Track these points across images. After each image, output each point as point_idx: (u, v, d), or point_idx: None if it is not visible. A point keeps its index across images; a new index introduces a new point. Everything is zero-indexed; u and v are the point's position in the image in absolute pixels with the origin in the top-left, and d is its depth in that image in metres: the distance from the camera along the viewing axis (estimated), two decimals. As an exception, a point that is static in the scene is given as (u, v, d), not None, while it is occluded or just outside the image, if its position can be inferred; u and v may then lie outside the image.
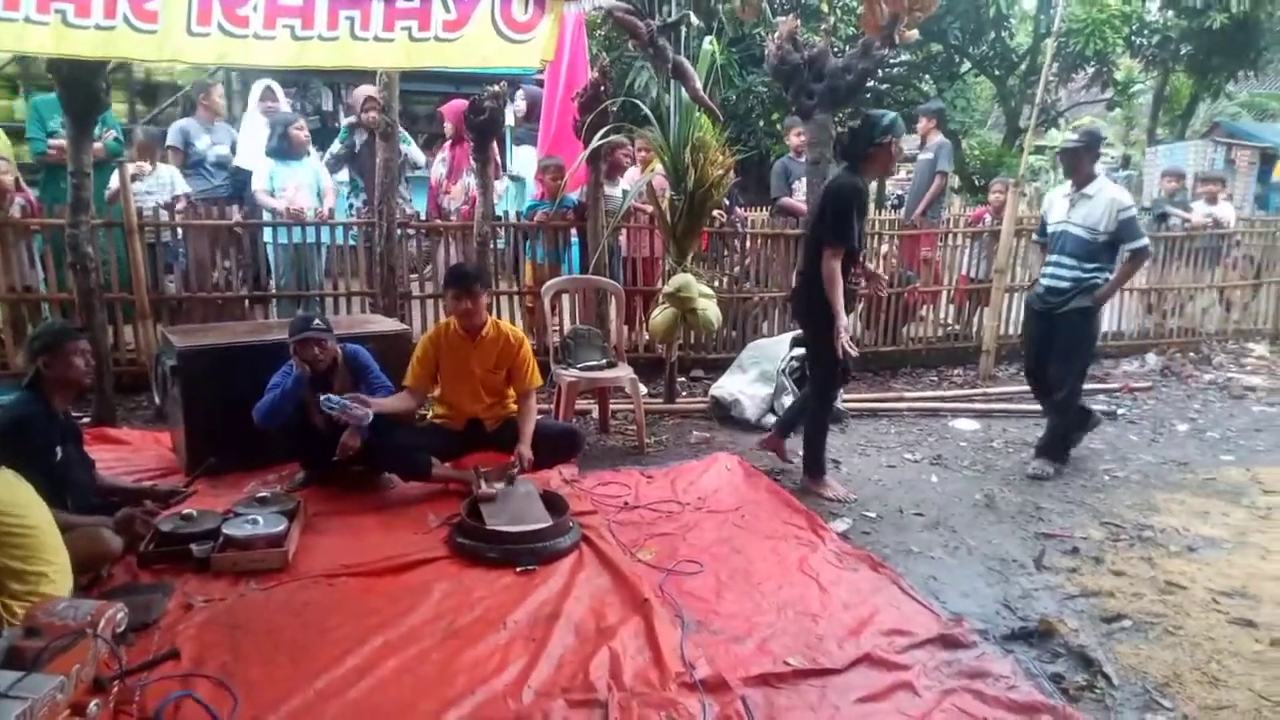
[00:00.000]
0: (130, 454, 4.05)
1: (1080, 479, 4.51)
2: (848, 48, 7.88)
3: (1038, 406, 5.78)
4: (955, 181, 15.60)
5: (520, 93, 7.23)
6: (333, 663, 2.61)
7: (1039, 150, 17.67)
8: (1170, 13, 12.43)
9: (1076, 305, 4.43)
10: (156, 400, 4.92)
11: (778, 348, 5.49)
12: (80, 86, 4.51)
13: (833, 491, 4.19)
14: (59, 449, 3.18)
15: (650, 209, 5.85)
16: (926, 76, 13.74)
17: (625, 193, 5.81)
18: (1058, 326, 4.50)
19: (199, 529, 3.29)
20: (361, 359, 4.00)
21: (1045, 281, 4.58)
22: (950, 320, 7.25)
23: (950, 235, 7.03)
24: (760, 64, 9.96)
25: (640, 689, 2.54)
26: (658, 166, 5.49)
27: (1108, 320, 7.59)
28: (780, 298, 6.42)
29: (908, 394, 6.07)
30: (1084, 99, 17.66)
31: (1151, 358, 7.39)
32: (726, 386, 5.36)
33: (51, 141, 5.48)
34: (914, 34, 5.10)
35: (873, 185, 6.37)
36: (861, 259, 4.21)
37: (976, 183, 13.55)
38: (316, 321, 3.89)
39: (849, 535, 3.71)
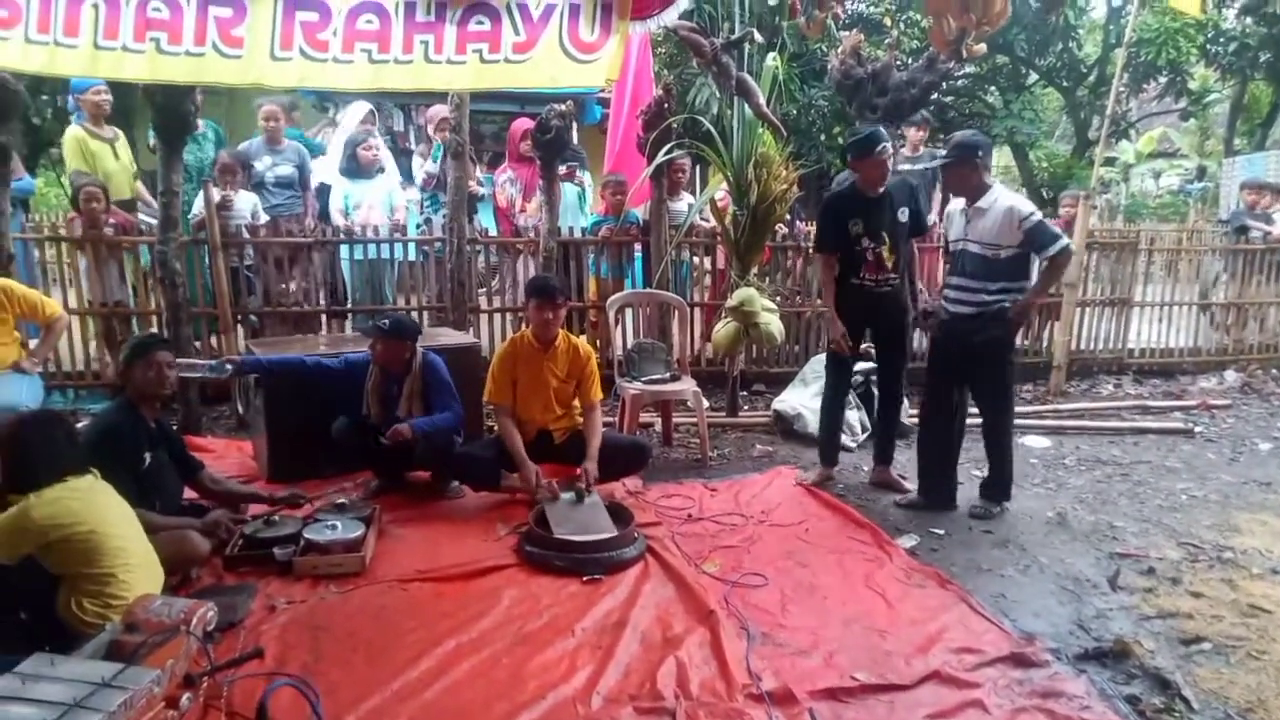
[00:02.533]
0: (214, 461, 4.21)
1: (1157, 498, 4.39)
2: (911, 61, 7.83)
3: (1112, 424, 5.70)
4: (1023, 194, 15.33)
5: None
6: (408, 664, 2.70)
7: (1109, 162, 17.24)
8: (1248, 20, 12.05)
9: (990, 336, 3.94)
10: (239, 410, 5.14)
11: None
12: (171, 111, 4.75)
13: (817, 475, 4.45)
14: (147, 455, 3.35)
15: (712, 224, 5.90)
16: (992, 88, 13.54)
17: (690, 207, 5.86)
18: (977, 358, 4.03)
19: (281, 533, 3.43)
20: (437, 373, 4.08)
21: (950, 307, 4.08)
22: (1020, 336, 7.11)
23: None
24: (821, 78, 9.97)
25: (707, 699, 2.56)
26: (722, 184, 5.52)
27: (1184, 335, 7.39)
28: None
29: (974, 410, 5.95)
30: (1156, 109, 17.21)
31: (1230, 374, 7.15)
32: (789, 400, 5.36)
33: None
34: (982, 48, 5.07)
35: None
36: (870, 259, 4.19)
37: (1045, 195, 13.28)
38: (383, 322, 4.03)
39: (916, 551, 3.67)
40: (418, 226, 6.10)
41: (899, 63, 5.82)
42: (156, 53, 4.22)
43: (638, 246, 6.07)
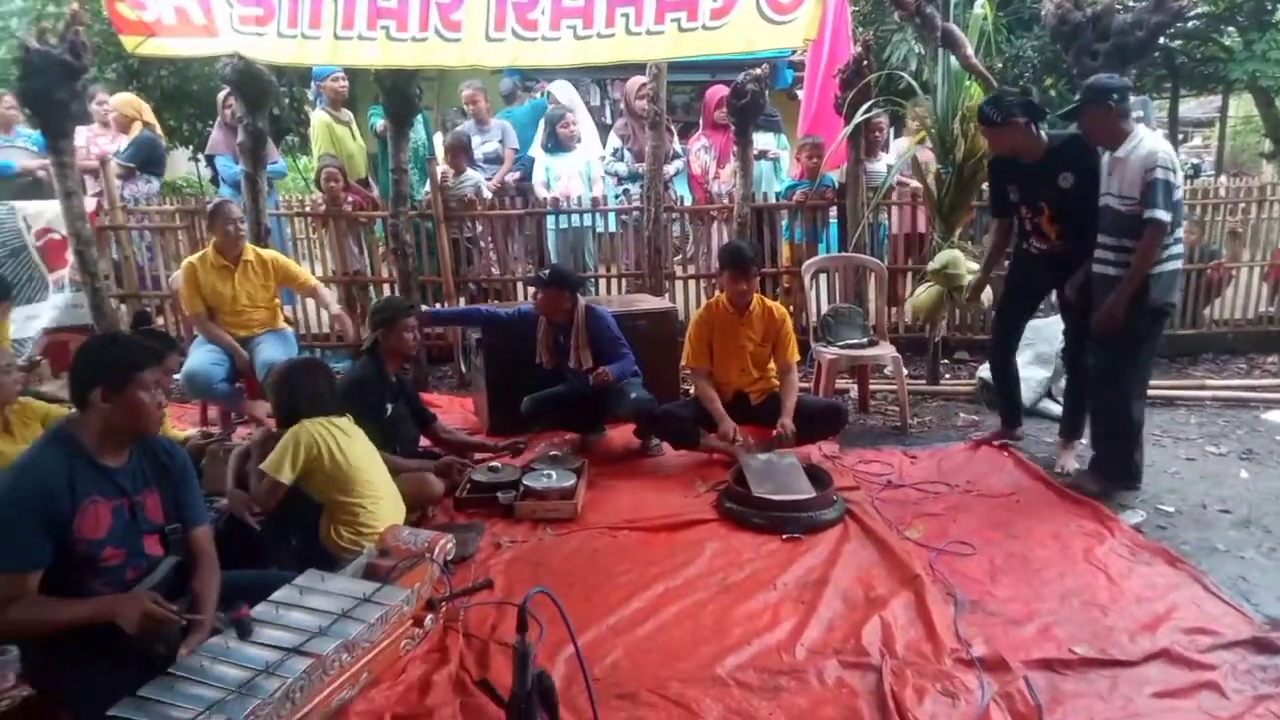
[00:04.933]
0: (440, 415, 4.57)
1: None
2: (1134, 1, 7.16)
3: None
4: (1266, 145, 13.61)
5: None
6: (620, 604, 2.88)
7: (1380, 105, 14.92)
8: None
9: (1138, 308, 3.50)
10: (462, 369, 5.57)
11: (1054, 329, 5.12)
12: (400, 93, 5.17)
13: (991, 435, 4.43)
14: (390, 406, 3.73)
15: (914, 184, 5.70)
16: (1230, 28, 12.09)
17: (890, 168, 5.69)
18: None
19: (504, 480, 3.74)
20: (603, 323, 4.22)
21: (1098, 268, 3.66)
22: (1265, 301, 6.39)
23: (1265, 204, 6.22)
24: (1030, 27, 9.33)
25: (914, 659, 2.56)
26: (925, 141, 5.32)
27: None
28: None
29: (1210, 382, 5.45)
30: None
31: None
32: (996, 368, 5.12)
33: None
34: (1229, -23, 4.56)
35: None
36: (1029, 229, 4.01)
37: (1295, 146, 11.76)
38: (543, 272, 4.23)
39: (1142, 528, 3.45)
40: (616, 197, 6.29)
41: (1121, 4, 5.33)
42: (387, 39, 4.62)
43: (833, 210, 5.98)
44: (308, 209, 6.16)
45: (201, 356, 4.35)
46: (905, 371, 4.89)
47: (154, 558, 2.31)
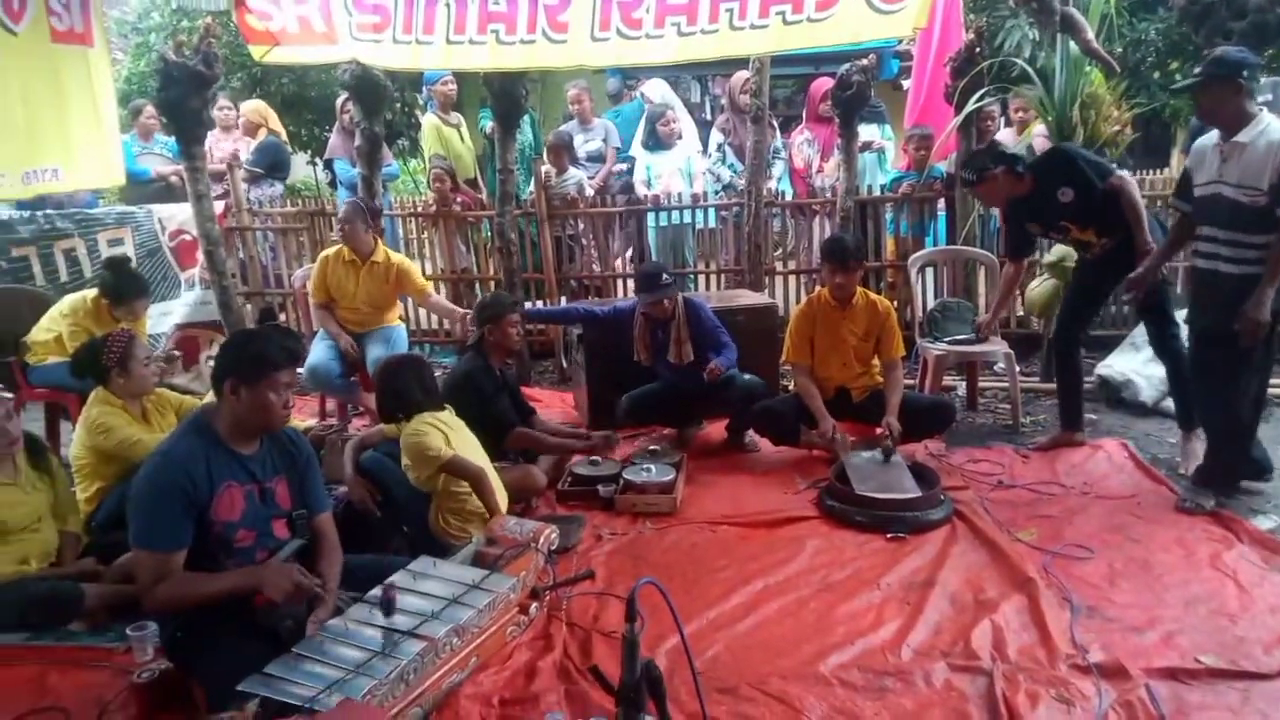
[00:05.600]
0: (541, 409, 4.68)
1: None
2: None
3: None
4: None
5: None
6: (720, 598, 2.88)
7: None
8: None
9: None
10: (563, 365, 5.67)
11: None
12: (507, 95, 5.30)
13: (1048, 440, 4.23)
14: (494, 399, 3.84)
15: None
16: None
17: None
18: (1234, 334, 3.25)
19: (604, 473, 3.81)
20: (702, 314, 4.22)
21: (1202, 263, 3.38)
22: None
23: None
24: (1154, 9, 8.85)
25: (1027, 664, 2.48)
26: (1038, 128, 5.12)
27: None
28: (1185, 267, 5.67)
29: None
30: None
31: None
32: (1117, 366, 4.88)
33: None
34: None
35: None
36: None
37: None
38: (665, 278, 4.20)
39: (1276, 534, 3.24)
40: (716, 193, 6.28)
41: (1258, -19, 5.00)
42: (496, 43, 4.73)
43: (940, 202, 5.81)
44: (419, 210, 6.38)
45: (321, 352, 4.56)
46: (1018, 368, 4.72)
47: (281, 540, 2.45)
